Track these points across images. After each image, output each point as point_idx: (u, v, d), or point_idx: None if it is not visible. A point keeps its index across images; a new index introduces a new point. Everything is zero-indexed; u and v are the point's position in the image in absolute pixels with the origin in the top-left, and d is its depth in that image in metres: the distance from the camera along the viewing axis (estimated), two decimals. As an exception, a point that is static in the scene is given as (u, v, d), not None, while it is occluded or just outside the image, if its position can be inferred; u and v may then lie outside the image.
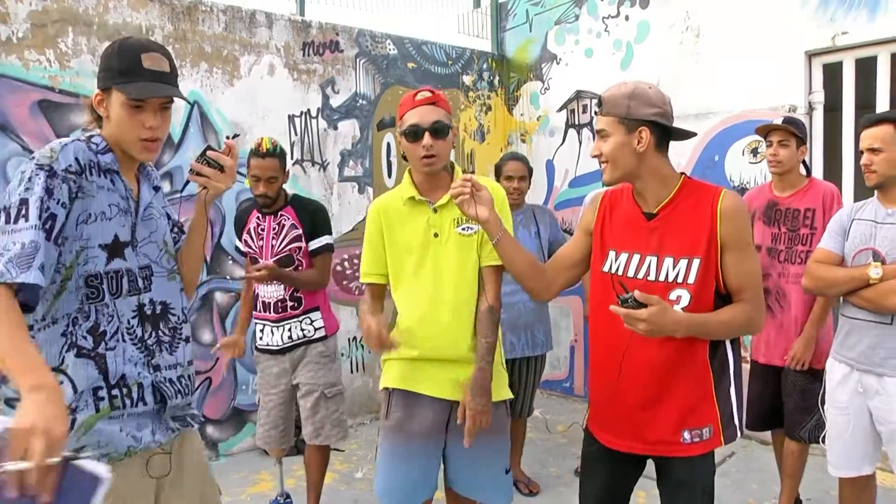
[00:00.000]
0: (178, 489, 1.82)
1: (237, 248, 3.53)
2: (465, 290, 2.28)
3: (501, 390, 2.37)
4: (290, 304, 3.29)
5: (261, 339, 3.39)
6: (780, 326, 3.22)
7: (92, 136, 1.75)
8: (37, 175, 1.58)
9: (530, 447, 4.21)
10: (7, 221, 1.53)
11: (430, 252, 2.28)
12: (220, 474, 4.16)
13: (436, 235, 2.27)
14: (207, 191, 1.88)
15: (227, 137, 1.81)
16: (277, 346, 3.33)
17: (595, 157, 1.99)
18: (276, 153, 3.18)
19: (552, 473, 4.18)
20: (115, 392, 1.68)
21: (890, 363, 2.53)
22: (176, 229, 1.98)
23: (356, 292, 5.10)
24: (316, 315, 3.35)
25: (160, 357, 1.79)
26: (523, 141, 6.03)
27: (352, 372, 5.10)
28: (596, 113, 1.99)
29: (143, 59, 1.69)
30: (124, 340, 1.71)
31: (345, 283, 5.00)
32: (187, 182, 1.87)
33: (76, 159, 1.65)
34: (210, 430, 4.45)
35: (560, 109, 5.73)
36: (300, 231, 3.28)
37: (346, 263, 4.94)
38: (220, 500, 2.00)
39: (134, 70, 1.68)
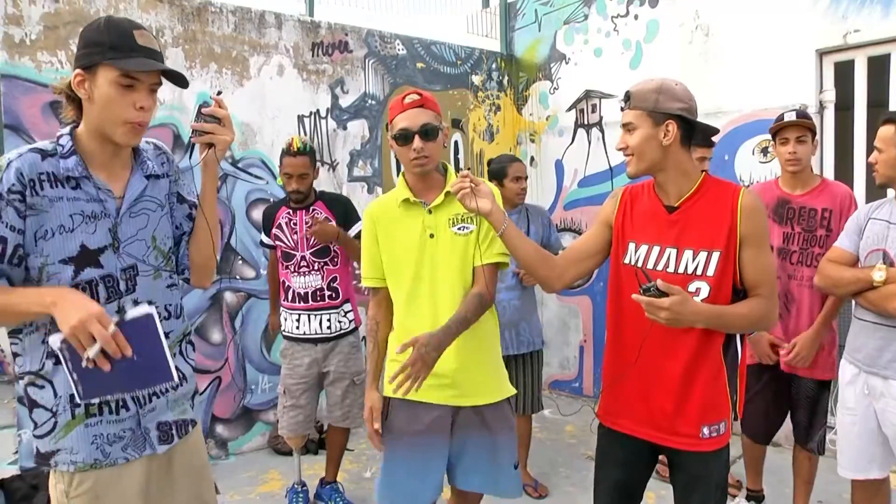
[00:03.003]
0: (168, 493, 1.80)
1: (261, 242, 3.74)
2: (462, 290, 2.27)
3: (504, 387, 2.40)
4: (328, 293, 3.51)
5: (297, 328, 3.53)
6: (786, 332, 3.09)
7: (60, 137, 1.67)
8: None
9: (539, 448, 4.20)
10: None
11: (426, 253, 2.29)
12: (229, 473, 4.19)
13: (431, 236, 2.29)
14: (215, 149, 1.77)
15: (212, 96, 1.80)
16: (313, 334, 3.50)
17: (620, 149, 2.05)
18: (307, 151, 3.41)
19: (561, 474, 4.16)
20: (94, 400, 1.66)
21: (895, 366, 2.51)
22: (191, 209, 1.89)
23: (366, 292, 5.09)
24: (348, 307, 3.60)
25: None
26: (532, 141, 6.02)
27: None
28: (622, 108, 2.06)
29: (136, 35, 1.60)
30: None
31: (354, 283, 4.99)
32: (191, 147, 1.82)
33: (19, 176, 1.57)
34: (220, 429, 4.46)
35: (569, 109, 5.71)
36: (334, 223, 3.50)
37: (354, 263, 4.93)
38: (217, 499, 1.99)
39: (128, 45, 1.58)
